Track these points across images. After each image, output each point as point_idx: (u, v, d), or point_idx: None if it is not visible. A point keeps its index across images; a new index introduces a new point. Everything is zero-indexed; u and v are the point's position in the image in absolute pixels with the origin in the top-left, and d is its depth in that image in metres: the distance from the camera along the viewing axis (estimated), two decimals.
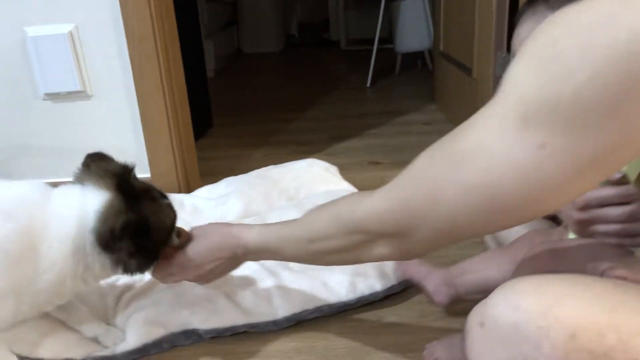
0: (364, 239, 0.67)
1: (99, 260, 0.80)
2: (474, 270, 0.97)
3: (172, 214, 0.88)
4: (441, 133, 0.64)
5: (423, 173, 0.59)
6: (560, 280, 0.55)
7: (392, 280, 1.08)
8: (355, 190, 1.50)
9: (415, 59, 3.57)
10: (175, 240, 0.88)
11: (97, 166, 0.85)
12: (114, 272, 0.83)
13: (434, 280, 0.99)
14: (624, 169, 0.66)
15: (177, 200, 1.47)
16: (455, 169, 0.54)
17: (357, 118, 2.57)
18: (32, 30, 1.47)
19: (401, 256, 0.68)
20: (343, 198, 0.73)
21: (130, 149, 1.59)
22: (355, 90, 3.17)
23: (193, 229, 0.90)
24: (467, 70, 1.95)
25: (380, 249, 0.67)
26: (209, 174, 1.82)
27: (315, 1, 5.61)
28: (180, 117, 1.61)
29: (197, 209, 1.40)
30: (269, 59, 4.56)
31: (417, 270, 1.01)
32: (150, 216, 0.81)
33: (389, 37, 4.91)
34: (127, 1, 1.43)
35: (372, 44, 4.33)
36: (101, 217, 0.78)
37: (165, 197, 0.89)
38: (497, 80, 1.71)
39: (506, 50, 1.68)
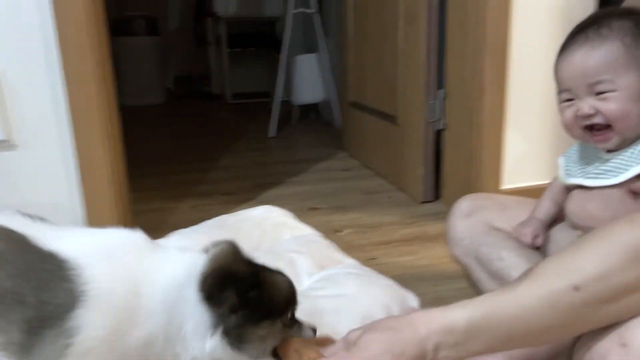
0: None
1: (196, 314, 0.66)
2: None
3: (291, 289, 0.74)
4: (362, 177, 0.64)
5: None
6: None
7: None
8: (321, 234, 1.48)
9: (308, 110, 3.69)
10: (309, 333, 0.74)
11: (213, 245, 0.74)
12: (209, 339, 0.67)
13: None
14: None
15: None
16: None
17: (272, 166, 2.58)
18: None
19: None
20: (602, 228, 0.60)
21: (64, 203, 1.42)
22: (258, 139, 3.17)
23: (350, 331, 0.68)
24: (390, 118, 2.06)
25: None
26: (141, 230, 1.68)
27: (192, 55, 5.58)
28: (121, 168, 1.48)
29: None
30: (152, 112, 4.40)
31: None
32: (265, 274, 0.70)
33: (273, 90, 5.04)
34: (67, 41, 1.31)
35: (259, 97, 4.45)
36: (211, 258, 0.68)
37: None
38: (427, 126, 1.84)
39: (434, 97, 1.82)
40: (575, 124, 0.82)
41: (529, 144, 1.68)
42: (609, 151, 0.84)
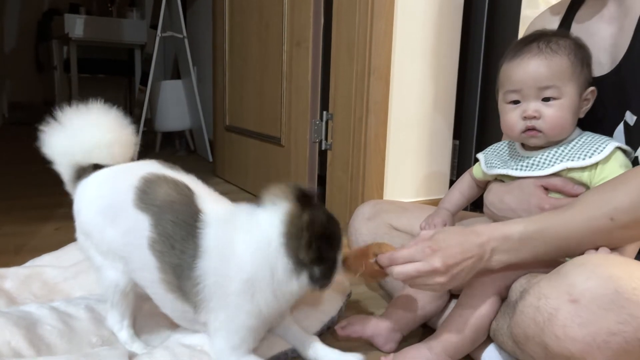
0: None
1: (283, 264, 0.81)
2: (410, 309, 1.02)
3: (338, 224, 0.85)
4: (243, 201, 0.84)
5: None
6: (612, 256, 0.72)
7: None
8: None
9: (173, 138, 3.56)
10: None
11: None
12: (298, 283, 0.82)
13: (382, 333, 1.01)
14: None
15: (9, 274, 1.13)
16: None
17: None
18: None
19: None
20: (633, 169, 0.77)
21: None
22: None
23: (422, 232, 0.83)
24: (273, 139, 2.07)
25: None
26: None
27: (31, 80, 5.08)
28: None
29: (45, 282, 1.10)
30: None
31: (363, 329, 1.02)
32: (327, 221, 0.81)
33: (134, 118, 4.80)
34: None
35: None
36: (287, 220, 0.80)
37: None
38: (312, 146, 1.88)
39: (319, 117, 1.87)
40: (516, 125, 0.91)
41: (408, 162, 1.80)
42: (528, 150, 0.95)
